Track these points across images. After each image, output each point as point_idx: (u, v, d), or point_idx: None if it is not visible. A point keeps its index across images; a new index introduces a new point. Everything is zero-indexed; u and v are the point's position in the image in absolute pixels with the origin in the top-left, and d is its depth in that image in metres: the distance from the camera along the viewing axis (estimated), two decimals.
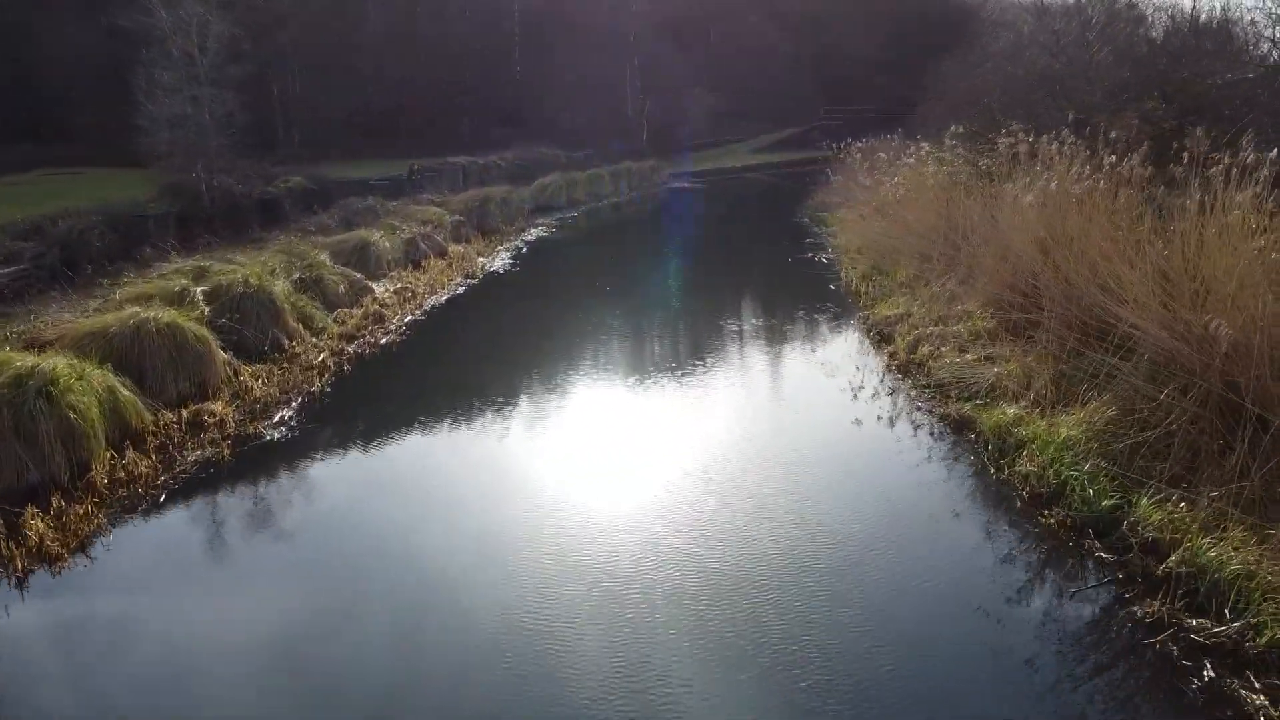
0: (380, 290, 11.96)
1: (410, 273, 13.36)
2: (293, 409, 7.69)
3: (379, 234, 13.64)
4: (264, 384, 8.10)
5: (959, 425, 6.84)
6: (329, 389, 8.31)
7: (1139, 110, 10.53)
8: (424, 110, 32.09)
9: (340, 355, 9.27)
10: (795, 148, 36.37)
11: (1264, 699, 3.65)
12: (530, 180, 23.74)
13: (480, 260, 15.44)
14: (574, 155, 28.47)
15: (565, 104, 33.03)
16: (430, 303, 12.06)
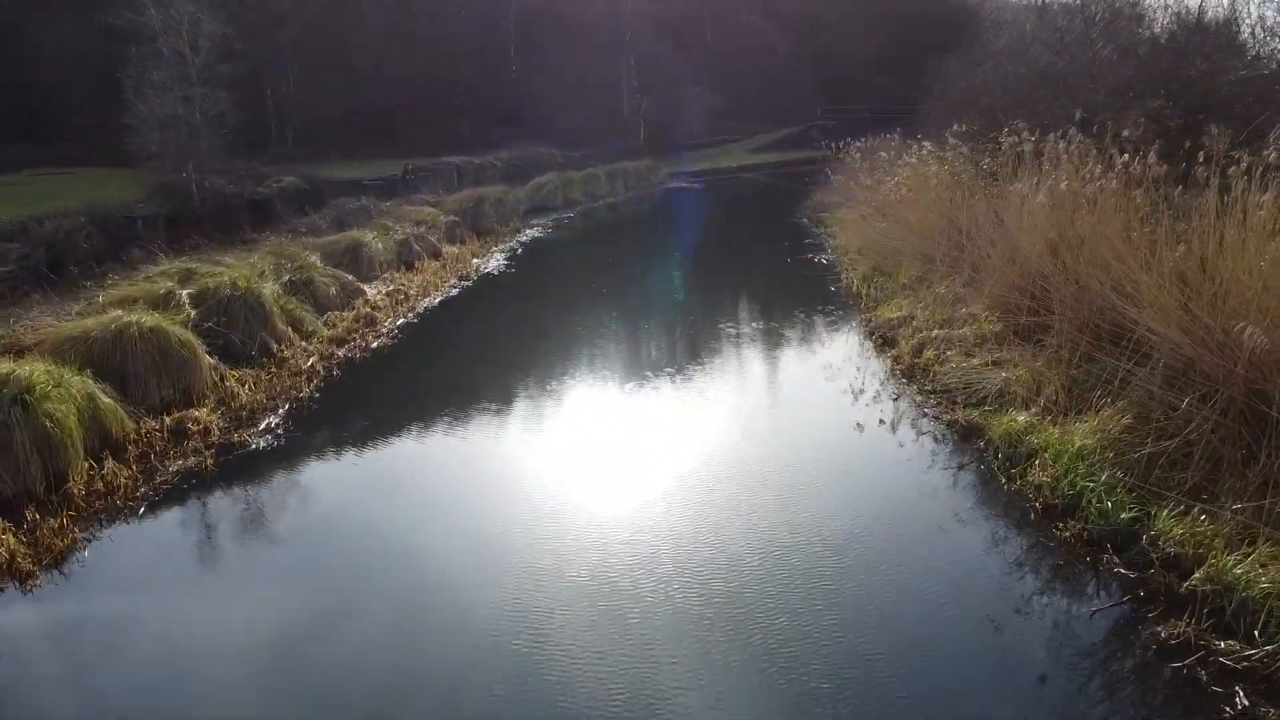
0: (372, 292, 11.74)
1: (403, 274, 13.12)
2: (280, 416, 7.46)
3: (371, 235, 13.42)
4: (251, 390, 7.87)
5: (967, 432, 6.63)
6: (318, 394, 8.08)
7: (1144, 109, 10.34)
8: (421, 110, 31.90)
9: (330, 359, 9.04)
10: (792, 147, 36.18)
11: None
12: (526, 180, 23.52)
13: (474, 261, 15.21)
14: (571, 155, 28.27)
15: (562, 104, 32.84)
16: (423, 305, 11.83)
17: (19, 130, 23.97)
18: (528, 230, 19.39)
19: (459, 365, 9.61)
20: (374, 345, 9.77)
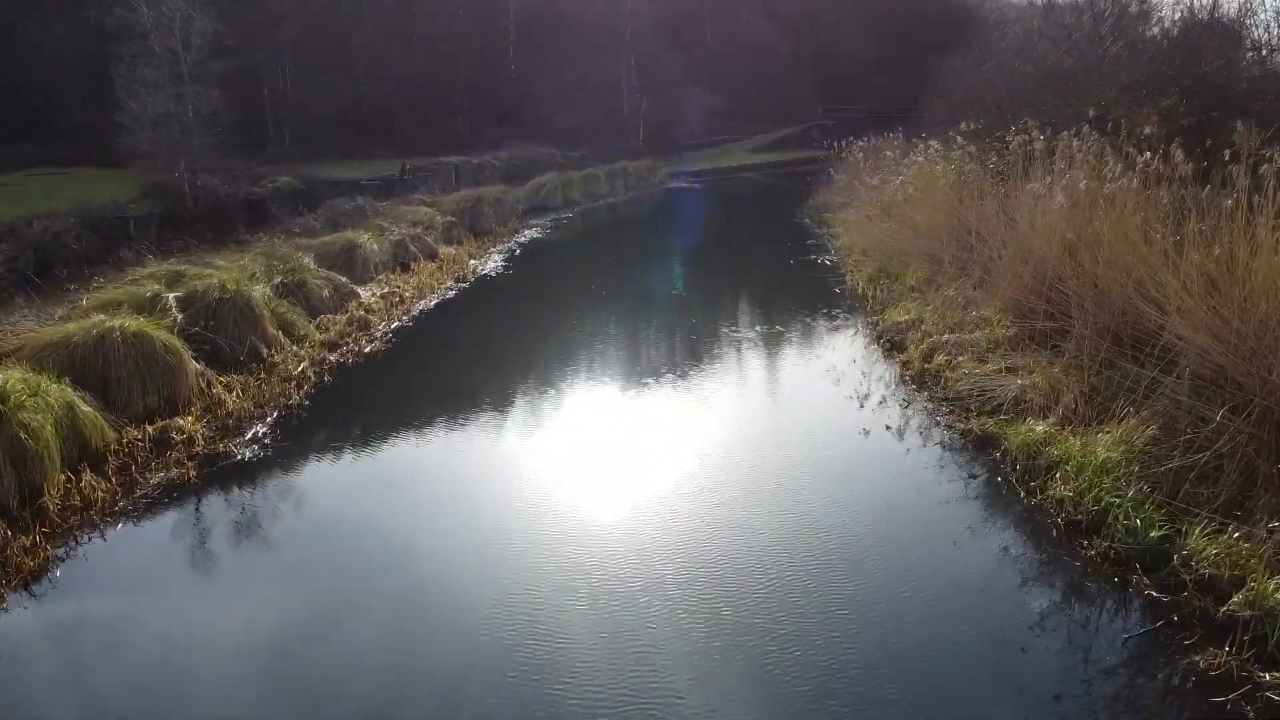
0: (366, 295, 11.47)
1: (399, 276, 12.85)
2: (268, 424, 7.20)
3: (367, 236, 13.15)
4: (238, 397, 7.60)
5: (982, 442, 6.36)
6: (308, 401, 7.82)
7: (1156, 106, 10.08)
8: (420, 110, 31.64)
9: (322, 365, 8.77)
10: (793, 147, 35.94)
11: None
12: (525, 180, 23.25)
13: (472, 262, 14.94)
14: (570, 155, 28.00)
15: (562, 103, 32.59)
16: (419, 308, 11.56)
17: (18, 131, 23.73)
18: (526, 231, 19.12)
19: (454, 370, 9.35)
20: (367, 349, 9.50)
